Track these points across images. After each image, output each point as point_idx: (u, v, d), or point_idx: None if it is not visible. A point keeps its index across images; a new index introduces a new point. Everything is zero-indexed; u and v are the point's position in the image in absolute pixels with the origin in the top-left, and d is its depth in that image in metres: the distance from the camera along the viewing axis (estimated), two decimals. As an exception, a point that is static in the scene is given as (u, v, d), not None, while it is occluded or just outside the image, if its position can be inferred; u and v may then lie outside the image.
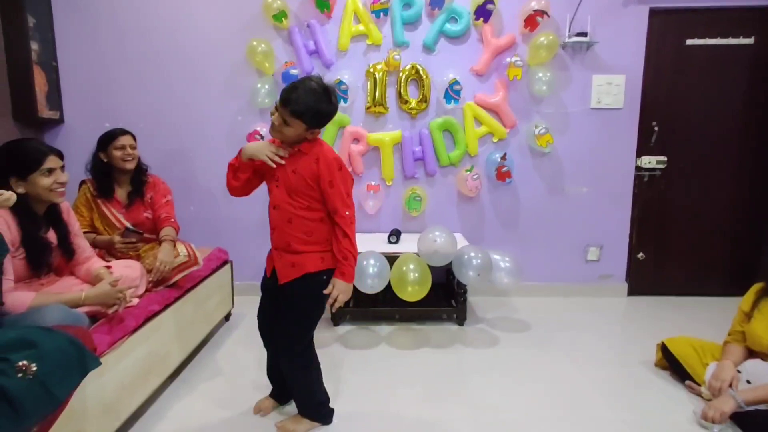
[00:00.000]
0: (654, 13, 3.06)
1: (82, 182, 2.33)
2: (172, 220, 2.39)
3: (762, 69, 3.11)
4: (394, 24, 3.05)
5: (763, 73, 3.11)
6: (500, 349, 2.54)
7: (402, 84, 3.07)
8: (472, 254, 2.58)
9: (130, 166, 2.28)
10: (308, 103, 1.57)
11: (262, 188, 1.75)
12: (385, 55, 3.05)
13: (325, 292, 1.67)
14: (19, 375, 1.18)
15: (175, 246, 2.27)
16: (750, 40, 3.08)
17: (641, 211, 3.29)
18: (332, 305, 1.69)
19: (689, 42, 3.11)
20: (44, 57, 2.95)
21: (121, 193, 2.32)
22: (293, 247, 1.67)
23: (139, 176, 2.36)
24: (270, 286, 1.78)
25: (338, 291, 1.67)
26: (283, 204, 1.67)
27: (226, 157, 3.15)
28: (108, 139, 2.25)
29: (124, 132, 2.29)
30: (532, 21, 2.96)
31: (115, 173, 2.29)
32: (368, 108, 3.12)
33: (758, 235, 3.27)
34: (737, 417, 1.80)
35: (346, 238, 1.66)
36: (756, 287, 2.03)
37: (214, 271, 2.64)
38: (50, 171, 1.67)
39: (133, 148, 2.30)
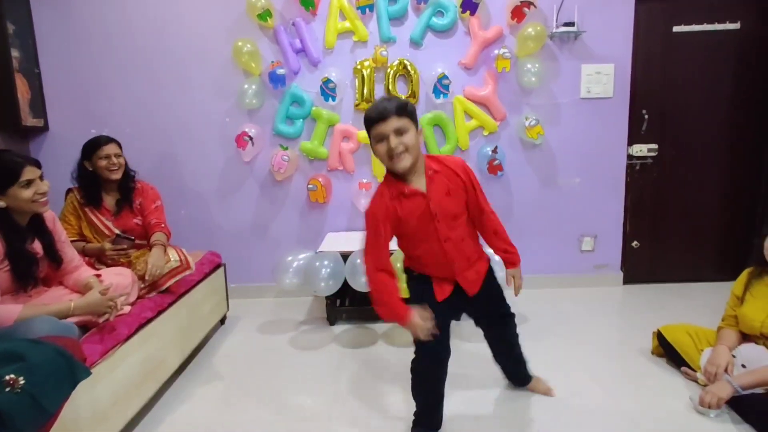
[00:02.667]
0: (640, 0, 3.05)
1: (69, 190, 2.30)
2: (163, 225, 2.36)
3: (749, 53, 3.11)
4: (380, 19, 3.02)
5: (750, 57, 3.12)
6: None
7: (390, 80, 3.05)
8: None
9: (116, 176, 2.25)
10: (406, 100, 1.54)
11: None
12: (372, 51, 3.03)
13: (510, 285, 1.77)
14: (7, 389, 1.16)
15: (166, 251, 2.25)
16: (736, 25, 3.08)
17: (634, 199, 3.30)
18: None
19: (676, 29, 3.10)
20: (26, 64, 2.90)
21: (109, 200, 2.29)
22: (473, 258, 1.66)
23: (127, 183, 2.32)
24: (447, 306, 1.64)
25: (520, 277, 1.79)
26: (451, 233, 1.57)
27: (216, 158, 3.18)
28: (92, 148, 2.22)
29: (108, 140, 2.25)
30: (519, 12, 2.94)
31: (102, 181, 2.26)
32: (357, 105, 3.10)
33: (750, 218, 3.28)
34: (733, 402, 1.81)
35: (504, 231, 1.74)
36: (747, 271, 2.04)
37: (207, 275, 2.62)
38: (29, 182, 1.63)
39: (118, 156, 2.26)
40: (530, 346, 2.44)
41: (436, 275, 1.63)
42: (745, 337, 1.97)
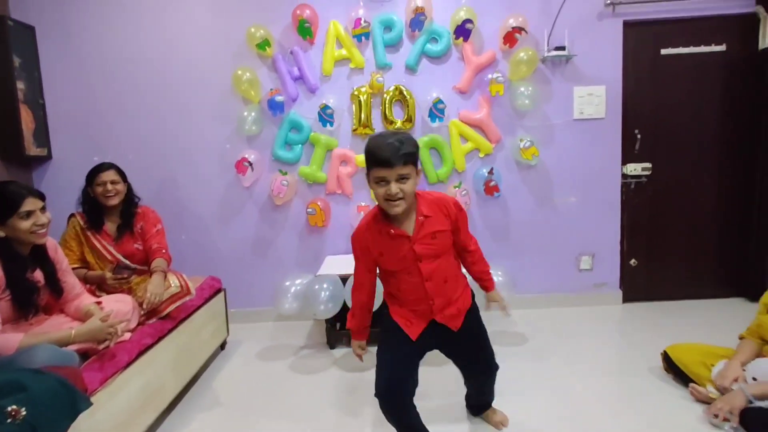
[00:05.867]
0: (628, 25, 3.14)
1: (71, 215, 2.33)
2: (164, 251, 2.38)
3: (735, 73, 3.19)
4: (375, 47, 3.10)
5: (736, 78, 3.19)
6: (499, 363, 2.51)
7: (387, 105, 3.11)
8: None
9: (113, 202, 2.28)
10: (413, 141, 1.49)
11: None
12: (369, 77, 3.10)
13: (499, 309, 1.83)
14: (9, 420, 1.16)
15: (166, 277, 2.26)
16: (722, 47, 3.17)
17: (630, 218, 3.33)
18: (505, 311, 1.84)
19: (664, 51, 3.19)
20: (30, 95, 2.97)
21: (110, 225, 2.32)
22: (455, 297, 1.65)
23: (129, 209, 2.35)
24: (416, 343, 1.64)
25: (502, 297, 1.84)
26: (435, 271, 1.58)
27: (216, 184, 3.22)
28: (92, 175, 2.27)
29: (108, 167, 2.29)
30: (510, 38, 3.02)
31: (103, 207, 2.29)
32: (354, 130, 3.16)
33: (745, 233, 3.30)
34: (744, 419, 1.79)
35: (483, 260, 1.82)
36: None
37: (207, 300, 2.63)
38: (29, 214, 1.64)
39: (115, 183, 2.28)
40: (531, 367, 2.45)
41: (413, 308, 1.63)
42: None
